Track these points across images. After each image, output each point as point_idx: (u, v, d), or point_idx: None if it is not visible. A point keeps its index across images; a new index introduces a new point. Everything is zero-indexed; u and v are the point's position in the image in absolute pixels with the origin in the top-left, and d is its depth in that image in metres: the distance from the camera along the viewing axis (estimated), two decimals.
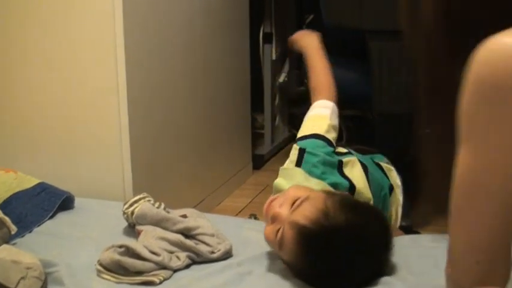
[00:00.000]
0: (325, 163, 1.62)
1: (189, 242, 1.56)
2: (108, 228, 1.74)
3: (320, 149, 1.64)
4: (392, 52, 2.09)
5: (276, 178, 2.83)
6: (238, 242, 1.64)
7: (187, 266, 1.54)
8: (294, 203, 1.42)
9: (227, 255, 1.59)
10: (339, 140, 2.96)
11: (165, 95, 2.20)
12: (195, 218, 1.67)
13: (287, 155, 3.20)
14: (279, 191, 1.57)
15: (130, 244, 1.51)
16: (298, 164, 1.62)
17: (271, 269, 1.51)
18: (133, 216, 1.65)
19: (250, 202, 2.68)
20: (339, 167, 1.63)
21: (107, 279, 1.48)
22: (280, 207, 1.45)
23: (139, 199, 1.70)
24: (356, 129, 3.36)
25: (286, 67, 3.10)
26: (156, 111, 2.14)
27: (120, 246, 1.51)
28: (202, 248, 1.56)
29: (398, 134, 2.18)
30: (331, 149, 1.66)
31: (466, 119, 0.88)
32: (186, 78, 2.32)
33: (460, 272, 0.95)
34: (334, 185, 1.60)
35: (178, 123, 2.29)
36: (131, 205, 1.68)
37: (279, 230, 1.42)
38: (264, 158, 3.08)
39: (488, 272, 0.95)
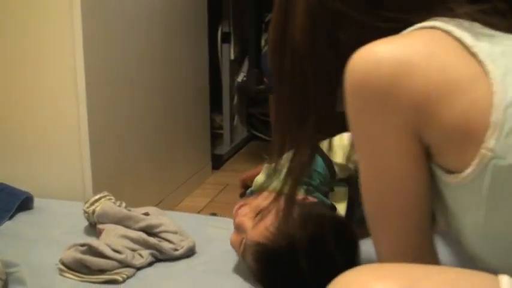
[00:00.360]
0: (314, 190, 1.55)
1: (152, 240, 1.56)
2: (68, 227, 1.72)
3: (318, 176, 1.56)
4: None
5: (235, 178, 2.86)
6: (201, 240, 1.64)
7: (150, 264, 1.53)
8: (257, 214, 1.41)
9: (190, 252, 1.58)
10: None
11: (124, 95, 2.19)
12: (157, 216, 1.66)
13: (246, 155, 3.24)
14: (259, 188, 1.55)
15: (92, 242, 1.50)
16: None
17: (236, 268, 1.51)
18: (95, 215, 1.64)
19: (210, 201, 2.68)
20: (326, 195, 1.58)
21: (69, 278, 1.46)
22: (245, 216, 1.44)
23: (100, 198, 1.68)
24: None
25: (245, 67, 3.10)
26: (115, 111, 2.13)
27: (82, 245, 1.50)
28: (166, 245, 1.56)
29: None
30: (327, 180, 1.58)
31: (353, 128, 0.92)
32: (145, 79, 2.32)
33: None
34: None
35: (137, 123, 2.28)
36: (92, 204, 1.67)
37: (241, 241, 1.41)
38: (223, 158, 3.08)
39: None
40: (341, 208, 1.56)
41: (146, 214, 1.66)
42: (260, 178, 1.58)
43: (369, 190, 0.94)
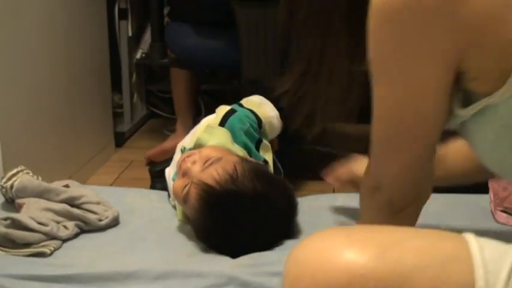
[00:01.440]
0: (247, 134, 1.59)
1: (76, 211, 1.54)
2: None
3: (249, 120, 1.60)
4: (259, 19, 2.14)
5: (138, 155, 2.85)
6: (123, 210, 1.63)
7: (76, 235, 1.52)
8: (206, 162, 1.44)
9: (115, 222, 1.58)
10: (198, 115, 3.01)
11: (27, 73, 2.14)
12: (77, 188, 1.65)
13: (147, 132, 3.23)
14: (199, 145, 1.57)
15: (15, 216, 1.47)
16: (222, 124, 1.59)
17: (164, 235, 1.52)
18: (13, 189, 1.60)
19: (117, 178, 2.66)
20: (257, 144, 1.62)
21: None
22: (193, 163, 1.46)
23: (18, 172, 1.65)
24: (213, 104, 3.41)
25: (143, 43, 3.09)
26: (18, 91, 2.09)
27: (5, 219, 1.47)
28: (90, 216, 1.55)
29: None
30: (256, 127, 1.62)
31: (375, 55, 0.89)
32: (49, 57, 2.28)
33: (394, 192, 1.01)
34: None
35: (40, 103, 2.24)
36: (9, 179, 1.63)
37: (186, 185, 1.43)
38: (125, 136, 3.06)
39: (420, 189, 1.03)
40: (268, 159, 1.61)
41: (66, 186, 1.64)
42: (203, 136, 1.58)
43: (383, 116, 0.94)
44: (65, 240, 1.49)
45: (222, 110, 1.65)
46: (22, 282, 1.29)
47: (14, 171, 1.65)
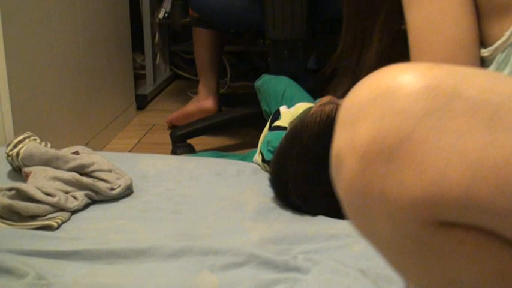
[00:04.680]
0: None
1: (86, 179, 1.44)
2: None
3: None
4: None
5: (161, 118, 2.74)
6: (136, 177, 1.52)
7: (85, 206, 1.41)
8: None
9: (128, 190, 1.47)
10: (223, 77, 2.88)
11: (44, 34, 2.02)
12: (87, 155, 1.54)
13: (170, 95, 3.12)
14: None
15: (20, 186, 1.36)
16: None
17: (182, 204, 1.41)
18: (19, 157, 1.50)
19: (138, 142, 2.55)
20: None
21: None
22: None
23: (24, 138, 1.54)
24: (240, 66, 3.29)
25: (166, 2, 2.95)
26: (35, 50, 1.97)
27: (10, 189, 1.37)
28: (101, 184, 1.44)
29: (294, 58, 2.12)
30: None
31: None
32: (63, 17, 2.15)
33: None
34: None
35: (58, 64, 2.12)
36: (15, 146, 1.52)
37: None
38: (147, 98, 2.94)
39: None
40: None
41: (76, 153, 1.53)
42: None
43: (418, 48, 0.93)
44: (73, 212, 1.39)
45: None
46: (23, 258, 1.18)
47: (20, 137, 1.54)
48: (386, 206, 0.62)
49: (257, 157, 1.61)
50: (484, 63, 0.94)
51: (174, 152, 2.31)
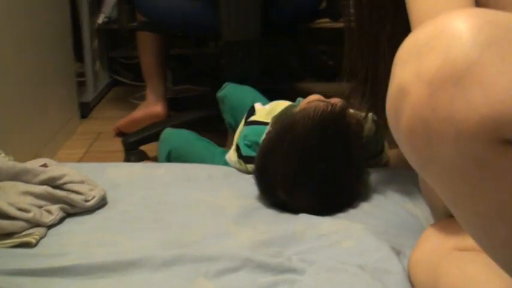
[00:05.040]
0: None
1: (60, 192, 1.39)
2: None
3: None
4: None
5: (106, 126, 2.69)
6: (106, 187, 1.48)
7: (61, 220, 1.37)
8: None
9: (103, 201, 1.43)
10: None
11: None
12: (57, 167, 1.49)
13: (111, 102, 3.06)
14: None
15: None
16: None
17: (161, 212, 1.38)
18: None
19: (86, 152, 2.49)
20: None
21: None
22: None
23: None
24: (180, 70, 3.25)
25: (105, 7, 2.90)
26: None
27: None
28: (75, 197, 1.39)
29: (249, 60, 2.11)
30: None
31: None
32: (5, 28, 2.08)
33: None
34: None
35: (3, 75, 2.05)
36: None
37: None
38: (89, 106, 2.88)
39: None
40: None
41: (44, 166, 1.48)
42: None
43: None
44: (49, 227, 1.34)
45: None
46: (9, 278, 1.13)
47: None
48: (454, 127, 0.67)
49: (232, 154, 1.60)
50: None
51: (127, 160, 2.26)
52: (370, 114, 1.65)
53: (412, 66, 0.71)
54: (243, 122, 1.64)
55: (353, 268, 1.12)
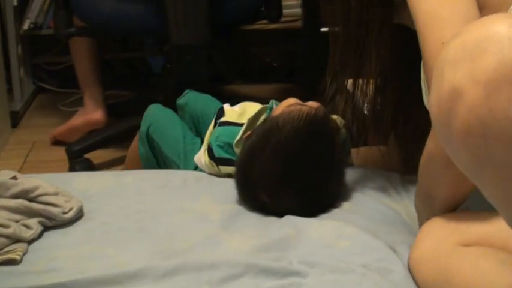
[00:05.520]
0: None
1: (36, 205, 1.33)
2: None
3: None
4: None
5: (39, 134, 2.60)
6: (78, 197, 1.43)
7: (40, 234, 1.31)
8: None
9: (81, 213, 1.38)
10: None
11: None
12: (27, 179, 1.42)
13: (39, 109, 2.96)
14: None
15: None
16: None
17: (143, 221, 1.35)
18: None
19: (24, 162, 2.40)
20: None
21: None
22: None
23: None
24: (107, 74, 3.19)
25: (31, 12, 2.80)
26: None
27: None
28: (52, 209, 1.34)
29: (198, 64, 2.09)
30: None
31: None
32: None
33: None
34: None
35: None
36: None
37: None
38: (19, 114, 2.78)
39: None
40: None
41: (14, 178, 1.41)
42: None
43: (434, 27, 1.03)
44: (30, 242, 1.28)
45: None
46: None
47: None
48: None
49: (202, 155, 1.57)
50: None
51: (72, 169, 2.20)
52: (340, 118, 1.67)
53: (465, 68, 0.73)
54: (212, 124, 1.62)
55: (359, 268, 1.12)
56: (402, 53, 1.16)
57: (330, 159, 1.37)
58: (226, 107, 1.64)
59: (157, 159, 1.70)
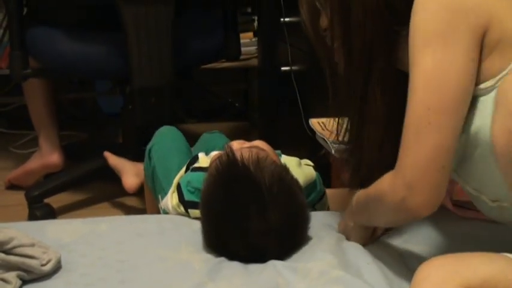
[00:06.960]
0: None
1: (14, 258, 1.28)
2: None
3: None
4: (149, 17, 1.94)
5: None
6: (53, 247, 1.38)
7: None
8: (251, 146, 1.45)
9: (59, 264, 1.33)
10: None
11: None
12: (1, 230, 1.37)
13: None
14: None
15: None
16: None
17: (123, 271, 1.31)
18: None
19: None
20: None
21: None
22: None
23: None
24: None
25: None
26: None
27: None
28: (30, 262, 1.29)
29: (161, 105, 2.07)
30: None
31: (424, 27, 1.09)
32: None
33: (424, 184, 1.08)
34: None
35: None
36: None
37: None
38: None
39: (446, 177, 1.10)
40: None
41: None
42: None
43: (426, 89, 1.07)
44: None
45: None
46: None
47: None
48: None
49: (169, 199, 1.55)
50: (482, 94, 1.10)
51: (32, 214, 2.14)
52: (305, 161, 1.66)
53: None
54: (184, 169, 1.60)
55: None
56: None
57: (261, 199, 1.32)
58: (201, 155, 1.62)
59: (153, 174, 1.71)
